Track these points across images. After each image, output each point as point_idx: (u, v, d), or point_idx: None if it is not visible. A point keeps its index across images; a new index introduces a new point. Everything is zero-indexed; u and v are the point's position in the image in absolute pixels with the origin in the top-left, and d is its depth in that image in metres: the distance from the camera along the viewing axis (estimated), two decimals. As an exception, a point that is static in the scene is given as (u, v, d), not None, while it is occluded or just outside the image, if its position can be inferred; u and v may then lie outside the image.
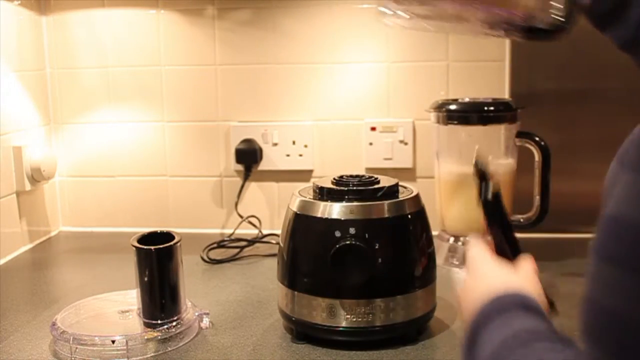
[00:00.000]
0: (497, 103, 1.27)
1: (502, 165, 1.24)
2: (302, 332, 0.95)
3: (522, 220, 1.24)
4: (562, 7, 0.52)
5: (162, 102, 1.51)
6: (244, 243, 1.40)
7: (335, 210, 0.91)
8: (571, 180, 1.34)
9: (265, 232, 1.46)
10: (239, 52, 1.47)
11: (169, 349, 0.94)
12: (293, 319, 0.95)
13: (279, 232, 1.03)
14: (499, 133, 1.25)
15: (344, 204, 0.92)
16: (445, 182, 1.28)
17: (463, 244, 1.25)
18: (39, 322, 1.04)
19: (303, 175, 1.50)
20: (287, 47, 1.46)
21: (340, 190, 0.94)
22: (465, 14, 0.60)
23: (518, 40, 0.60)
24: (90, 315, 1.02)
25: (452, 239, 1.27)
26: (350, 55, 1.45)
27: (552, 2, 0.52)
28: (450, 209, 1.27)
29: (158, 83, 1.50)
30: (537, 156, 1.21)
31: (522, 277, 0.64)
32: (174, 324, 0.96)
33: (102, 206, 1.56)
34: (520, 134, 1.24)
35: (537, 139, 1.22)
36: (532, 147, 1.22)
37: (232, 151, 1.49)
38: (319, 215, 0.92)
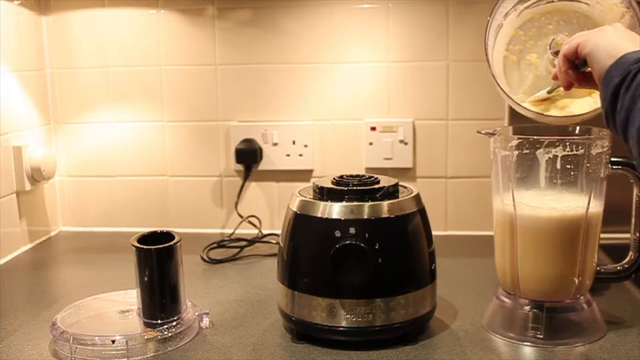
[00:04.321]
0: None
1: (584, 203, 0.93)
2: (302, 332, 0.95)
3: (617, 268, 1.01)
4: None
5: (162, 102, 1.51)
6: (244, 243, 1.40)
7: (335, 210, 0.91)
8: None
9: (265, 232, 1.46)
10: (239, 52, 1.47)
11: (169, 349, 0.94)
12: (293, 319, 0.95)
13: (279, 232, 1.03)
14: (588, 157, 0.92)
15: (344, 204, 0.92)
16: (525, 229, 0.94)
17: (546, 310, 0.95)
18: (39, 322, 1.04)
19: (303, 175, 1.50)
20: (287, 47, 1.46)
21: (340, 190, 0.94)
22: None
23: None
24: (90, 315, 1.02)
25: (527, 308, 0.96)
26: (350, 55, 1.45)
27: None
28: (528, 265, 0.95)
29: (158, 83, 1.50)
30: (636, 190, 0.97)
31: None
32: (174, 324, 0.96)
33: (102, 206, 1.56)
34: (615, 160, 0.96)
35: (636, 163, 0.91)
36: (629, 176, 0.97)
37: (232, 151, 1.49)
38: (319, 215, 0.92)
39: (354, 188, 0.94)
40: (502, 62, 0.98)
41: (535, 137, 0.92)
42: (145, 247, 0.96)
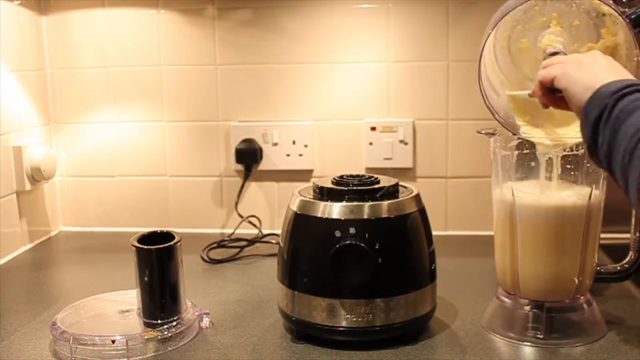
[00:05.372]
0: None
1: (584, 195, 0.93)
2: (302, 332, 0.95)
3: (617, 268, 1.01)
4: None
5: (162, 102, 1.51)
6: (244, 243, 1.40)
7: (335, 210, 0.91)
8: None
9: (265, 232, 1.46)
10: (239, 52, 1.47)
11: (169, 349, 0.94)
12: (293, 319, 0.95)
13: (279, 232, 1.03)
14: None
15: (344, 204, 0.92)
16: (524, 220, 0.93)
17: (546, 309, 0.94)
18: (39, 322, 1.04)
19: (303, 175, 1.50)
20: (287, 47, 1.46)
21: (340, 190, 0.94)
22: None
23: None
24: (90, 315, 1.02)
25: (527, 308, 0.96)
26: (350, 55, 1.45)
27: None
28: (528, 265, 0.95)
29: (158, 83, 1.50)
30: None
31: None
32: (174, 324, 0.96)
33: (102, 206, 1.56)
34: None
35: None
36: None
37: (232, 151, 1.49)
38: (319, 215, 0.92)
39: (354, 188, 0.94)
40: (492, 51, 0.97)
41: None
42: (145, 247, 0.96)
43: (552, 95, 0.84)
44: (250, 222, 1.48)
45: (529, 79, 0.97)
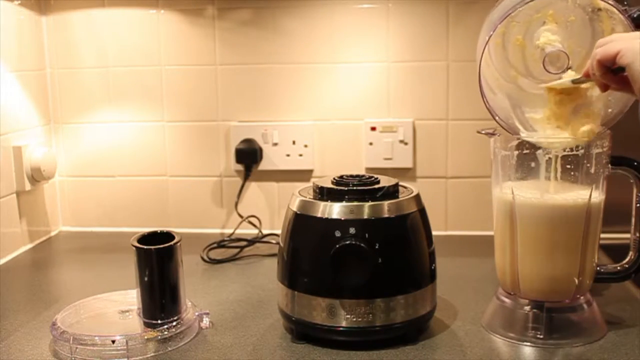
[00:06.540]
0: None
1: (584, 195, 0.93)
2: (302, 332, 0.95)
3: (617, 268, 1.00)
4: None
5: (162, 102, 1.51)
6: (244, 243, 1.40)
7: (335, 210, 0.91)
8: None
9: (265, 232, 1.46)
10: (239, 52, 1.47)
11: (169, 349, 0.94)
12: (293, 319, 0.95)
13: (279, 232, 1.03)
14: (588, 157, 0.92)
15: (344, 204, 0.92)
16: (524, 220, 0.93)
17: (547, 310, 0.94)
18: (39, 322, 1.04)
19: (303, 175, 1.50)
20: (287, 47, 1.46)
21: (340, 190, 0.94)
22: None
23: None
24: (90, 315, 1.03)
25: (527, 308, 0.96)
26: (350, 55, 1.45)
27: None
28: (528, 265, 0.94)
29: (158, 83, 1.50)
30: (636, 190, 0.97)
31: None
32: (174, 324, 0.96)
33: (102, 206, 1.56)
34: (615, 160, 0.95)
35: (636, 164, 0.95)
36: (629, 176, 0.97)
37: (232, 151, 1.49)
38: (319, 215, 0.92)
39: (354, 188, 0.94)
40: (487, 48, 0.97)
41: None
42: (145, 247, 0.96)
43: (613, 75, 0.79)
44: (250, 222, 1.48)
45: (522, 75, 0.96)
